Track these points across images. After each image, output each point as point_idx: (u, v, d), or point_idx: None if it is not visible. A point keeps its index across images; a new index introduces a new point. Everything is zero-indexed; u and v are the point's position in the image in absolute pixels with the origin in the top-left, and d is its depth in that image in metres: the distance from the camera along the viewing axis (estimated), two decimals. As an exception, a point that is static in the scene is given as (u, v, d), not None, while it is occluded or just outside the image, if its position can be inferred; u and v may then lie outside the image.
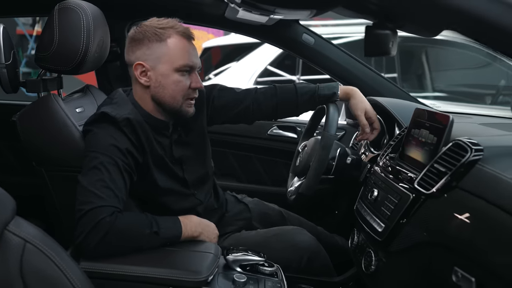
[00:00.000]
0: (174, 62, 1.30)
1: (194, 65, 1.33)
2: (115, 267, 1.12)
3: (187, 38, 1.32)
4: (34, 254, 0.87)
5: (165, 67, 1.31)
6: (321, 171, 1.46)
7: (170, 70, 1.31)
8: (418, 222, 1.06)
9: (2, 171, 2.06)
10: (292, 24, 1.86)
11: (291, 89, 1.56)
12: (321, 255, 1.48)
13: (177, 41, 1.31)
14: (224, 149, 2.16)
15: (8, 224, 0.86)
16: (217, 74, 4.60)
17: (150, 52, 1.31)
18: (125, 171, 1.22)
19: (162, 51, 1.30)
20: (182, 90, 1.33)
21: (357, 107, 1.51)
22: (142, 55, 1.32)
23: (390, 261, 1.15)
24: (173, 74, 1.32)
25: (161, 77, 1.32)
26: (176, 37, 1.31)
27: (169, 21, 1.33)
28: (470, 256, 0.89)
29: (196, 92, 1.36)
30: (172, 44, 1.30)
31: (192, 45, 1.34)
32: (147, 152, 1.31)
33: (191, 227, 1.25)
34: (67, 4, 1.39)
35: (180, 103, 1.34)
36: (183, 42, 1.31)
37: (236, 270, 1.23)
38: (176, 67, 1.31)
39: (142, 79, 1.33)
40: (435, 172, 1.06)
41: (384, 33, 1.07)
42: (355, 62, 1.92)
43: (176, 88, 1.32)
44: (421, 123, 1.23)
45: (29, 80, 1.48)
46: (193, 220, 1.27)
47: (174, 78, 1.32)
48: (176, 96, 1.33)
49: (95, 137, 1.25)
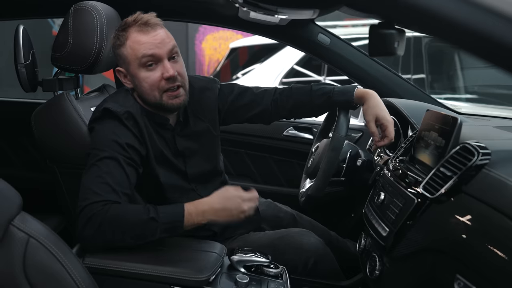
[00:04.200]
0: (135, 58, 1.29)
1: (155, 53, 1.28)
2: (118, 264, 1.14)
3: (145, 30, 1.28)
4: (37, 249, 0.89)
5: (132, 67, 1.31)
6: (330, 173, 1.44)
7: (136, 68, 1.30)
8: (422, 227, 1.03)
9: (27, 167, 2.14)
10: (307, 24, 1.84)
11: (306, 91, 1.54)
12: (328, 258, 1.46)
13: (134, 38, 1.29)
14: (239, 149, 2.16)
15: (14, 219, 0.88)
16: (244, 73, 4.63)
17: (120, 57, 1.33)
18: (127, 164, 1.23)
19: (125, 53, 1.31)
20: (154, 84, 1.30)
21: (367, 113, 1.45)
22: (118, 61, 1.35)
23: (393, 267, 1.13)
24: (140, 71, 1.30)
25: (134, 78, 1.32)
26: (134, 34, 1.29)
27: (132, 18, 1.31)
28: (473, 264, 0.86)
29: (172, 81, 1.30)
30: (130, 43, 1.29)
31: (154, 35, 1.29)
32: (149, 146, 1.32)
33: (197, 214, 1.18)
34: (82, 5, 1.43)
35: (158, 98, 1.31)
36: (141, 35, 1.28)
37: (239, 270, 1.22)
38: (138, 62, 1.29)
39: (126, 82, 1.36)
40: (441, 176, 1.02)
41: (389, 32, 1.04)
42: (372, 62, 1.89)
43: (147, 84, 1.30)
44: (431, 125, 1.20)
45: (46, 80, 1.53)
46: (200, 206, 1.20)
47: (142, 75, 1.30)
48: (151, 92, 1.31)
49: (97, 135, 1.28)
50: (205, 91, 1.48)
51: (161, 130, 1.38)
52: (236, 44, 5.04)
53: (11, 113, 2.11)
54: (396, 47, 1.07)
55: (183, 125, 1.42)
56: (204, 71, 7.14)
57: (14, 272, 0.86)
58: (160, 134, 1.37)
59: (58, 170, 1.42)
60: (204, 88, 1.49)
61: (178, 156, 1.41)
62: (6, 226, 0.87)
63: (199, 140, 1.45)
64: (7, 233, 0.87)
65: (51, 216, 1.90)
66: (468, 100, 4.37)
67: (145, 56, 1.28)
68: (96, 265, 1.13)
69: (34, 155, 2.11)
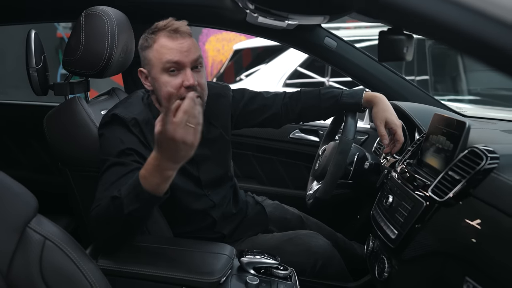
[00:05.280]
0: (160, 62, 1.31)
1: (180, 60, 1.29)
2: (131, 266, 1.16)
3: (173, 37, 1.30)
4: (53, 251, 0.90)
5: (155, 70, 1.32)
6: (338, 175, 1.46)
7: (159, 72, 1.32)
8: (431, 230, 1.04)
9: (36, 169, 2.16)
10: (314, 28, 1.86)
11: (314, 95, 1.55)
12: (335, 260, 1.47)
13: (162, 42, 1.31)
14: (246, 152, 2.17)
15: (30, 221, 0.90)
16: (248, 75, 4.64)
17: (144, 58, 1.35)
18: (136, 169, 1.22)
19: (150, 55, 1.33)
20: (173, 90, 1.30)
21: (376, 116, 1.47)
22: (142, 61, 1.37)
23: (402, 269, 1.14)
24: (162, 75, 1.31)
25: (154, 80, 1.34)
26: (162, 39, 1.31)
27: (164, 22, 1.33)
28: (482, 267, 0.87)
29: (191, 90, 1.27)
30: (157, 46, 1.31)
31: (181, 43, 1.31)
32: None
33: (148, 170, 1.04)
34: (93, 10, 1.45)
35: None
36: (168, 41, 1.30)
37: (249, 272, 1.24)
38: (162, 66, 1.31)
39: (146, 84, 1.37)
40: (450, 180, 1.04)
41: (398, 38, 1.05)
42: (378, 65, 1.90)
43: (167, 89, 1.31)
44: (438, 129, 1.21)
45: (57, 84, 1.55)
46: (147, 164, 1.05)
47: (163, 79, 1.31)
48: (169, 97, 1.31)
49: (105, 142, 1.29)
50: (219, 98, 1.50)
51: None
52: (239, 46, 5.05)
53: (20, 116, 2.13)
54: (405, 52, 1.08)
55: None
56: (207, 72, 7.15)
57: (31, 274, 0.88)
58: None
59: (70, 173, 1.44)
60: (218, 95, 1.50)
61: (191, 162, 1.41)
62: (23, 229, 0.88)
63: (212, 147, 1.47)
64: (24, 236, 0.88)
65: (60, 218, 1.92)
66: (471, 101, 4.37)
67: (170, 62, 1.29)
68: (110, 266, 1.15)
69: (43, 157, 2.13)
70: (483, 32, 0.61)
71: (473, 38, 0.61)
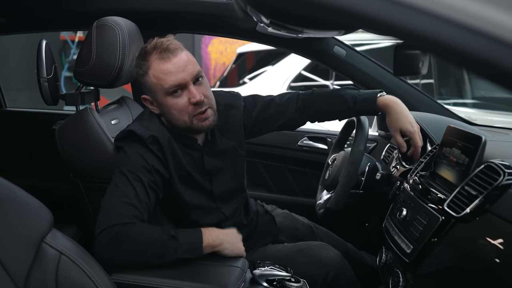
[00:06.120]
0: (162, 88, 1.28)
1: (181, 81, 1.27)
2: (145, 279, 1.15)
3: (166, 58, 1.27)
4: (69, 266, 0.90)
5: (158, 95, 1.30)
6: (350, 186, 1.45)
7: (163, 97, 1.29)
8: (447, 245, 1.04)
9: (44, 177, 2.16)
10: (323, 37, 1.85)
11: (326, 98, 1.52)
12: (347, 272, 1.47)
13: (157, 67, 1.27)
14: (254, 159, 2.17)
15: (46, 236, 0.90)
16: (251, 78, 4.64)
17: (144, 86, 1.33)
18: (150, 188, 1.24)
19: (150, 83, 1.30)
20: (183, 110, 1.29)
21: (390, 126, 1.44)
22: (143, 88, 1.34)
23: (417, 284, 1.14)
24: (167, 99, 1.29)
25: (161, 105, 1.32)
26: (155, 63, 1.27)
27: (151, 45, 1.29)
28: (501, 285, 0.87)
29: (200, 106, 1.29)
30: (154, 73, 1.28)
31: (176, 62, 1.27)
32: (172, 169, 1.32)
33: (211, 235, 1.22)
34: (105, 21, 1.45)
35: (189, 122, 1.31)
36: (162, 64, 1.27)
37: (262, 285, 1.24)
38: (165, 92, 1.28)
39: (153, 108, 1.35)
40: (466, 195, 1.04)
41: (413, 53, 1.05)
42: (388, 74, 1.90)
43: (176, 111, 1.29)
44: (453, 142, 1.21)
45: (68, 94, 1.55)
46: (213, 229, 1.25)
47: (170, 102, 1.29)
48: (181, 117, 1.30)
49: (124, 155, 1.28)
50: (230, 108, 1.47)
51: (189, 150, 1.38)
52: (243, 49, 5.05)
53: (29, 124, 2.14)
54: (420, 66, 1.08)
55: (211, 144, 1.42)
56: (210, 74, 7.15)
57: (47, 290, 0.88)
58: (188, 154, 1.37)
59: (82, 184, 1.44)
60: (229, 106, 1.48)
61: (205, 175, 1.41)
62: (39, 244, 0.89)
63: (225, 158, 1.45)
64: (39, 251, 0.88)
65: (68, 226, 1.92)
66: (475, 105, 4.37)
67: (171, 86, 1.27)
68: (124, 280, 1.15)
69: (51, 165, 2.13)
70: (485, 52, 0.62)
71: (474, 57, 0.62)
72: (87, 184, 1.44)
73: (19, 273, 0.84)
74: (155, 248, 1.16)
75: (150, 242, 1.16)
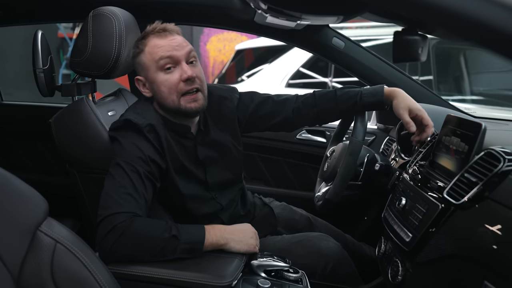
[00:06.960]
0: (154, 61, 1.30)
1: (173, 55, 1.29)
2: (141, 269, 1.14)
3: (163, 35, 1.30)
4: (64, 255, 0.89)
5: (151, 71, 1.31)
6: (348, 177, 1.44)
7: (155, 72, 1.31)
8: (446, 233, 1.03)
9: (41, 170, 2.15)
10: (322, 28, 1.84)
11: (331, 97, 1.50)
12: (346, 263, 1.46)
13: (152, 43, 1.31)
14: (252, 153, 2.16)
15: (41, 224, 0.89)
16: (250, 75, 4.63)
17: (138, 65, 1.34)
18: (146, 178, 1.23)
19: (144, 59, 1.32)
20: (172, 87, 1.30)
21: (398, 106, 1.40)
22: (137, 70, 1.36)
23: (417, 272, 1.13)
24: (159, 74, 1.30)
25: (152, 83, 1.32)
26: (152, 40, 1.31)
27: (151, 27, 1.33)
28: (501, 271, 0.86)
29: (190, 83, 1.30)
30: (149, 49, 1.31)
31: (172, 39, 1.31)
32: (168, 159, 1.31)
33: (215, 234, 1.21)
34: (101, 10, 1.44)
35: (177, 102, 1.31)
36: (159, 40, 1.30)
37: (260, 275, 1.23)
38: (156, 65, 1.30)
39: (145, 91, 1.36)
40: (466, 182, 1.03)
41: (413, 38, 1.04)
42: (387, 66, 1.89)
43: (166, 87, 1.30)
44: (452, 131, 1.20)
45: (64, 85, 1.53)
46: (218, 228, 1.24)
47: (161, 78, 1.30)
48: (169, 96, 1.30)
49: (120, 145, 1.27)
50: (223, 100, 1.47)
51: (182, 140, 1.37)
52: (241, 46, 5.04)
53: (25, 117, 2.12)
54: (420, 53, 1.07)
55: (204, 133, 1.42)
56: (208, 72, 7.15)
57: (42, 278, 0.87)
58: (181, 143, 1.36)
59: (78, 175, 1.43)
60: (222, 97, 1.47)
61: (198, 165, 1.40)
62: (34, 232, 0.87)
63: (220, 149, 1.44)
64: (35, 239, 0.87)
65: (66, 219, 1.91)
66: (474, 101, 4.37)
67: (163, 58, 1.29)
68: (120, 270, 1.13)
69: (48, 159, 2.12)
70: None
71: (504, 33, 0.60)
72: (83, 175, 1.43)
73: (14, 262, 0.83)
74: (155, 246, 1.14)
75: (151, 238, 1.15)
